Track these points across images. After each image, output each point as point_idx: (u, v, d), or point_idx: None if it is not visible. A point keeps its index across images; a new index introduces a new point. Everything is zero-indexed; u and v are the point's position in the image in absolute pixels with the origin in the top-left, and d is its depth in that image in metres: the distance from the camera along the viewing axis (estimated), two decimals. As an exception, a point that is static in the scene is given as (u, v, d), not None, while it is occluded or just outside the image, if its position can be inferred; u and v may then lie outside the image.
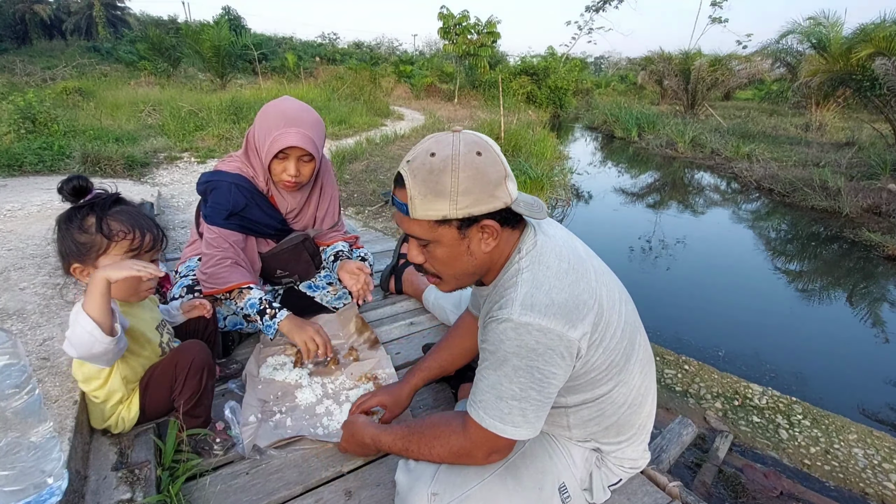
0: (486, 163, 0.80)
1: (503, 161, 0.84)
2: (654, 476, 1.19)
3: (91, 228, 1.00)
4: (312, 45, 32.12)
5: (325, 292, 1.81)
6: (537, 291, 0.81)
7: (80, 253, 1.01)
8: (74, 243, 1.00)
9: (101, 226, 1.00)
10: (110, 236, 1.01)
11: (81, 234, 1.00)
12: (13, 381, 0.78)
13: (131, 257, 1.03)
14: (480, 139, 0.84)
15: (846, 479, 1.88)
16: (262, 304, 1.49)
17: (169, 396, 1.14)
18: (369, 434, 1.07)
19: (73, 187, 0.98)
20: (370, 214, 4.84)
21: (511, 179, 0.85)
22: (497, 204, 0.82)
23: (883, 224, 5.34)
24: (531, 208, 0.87)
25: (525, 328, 0.79)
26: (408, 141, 8.88)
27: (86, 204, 1.02)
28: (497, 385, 0.83)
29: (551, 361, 0.81)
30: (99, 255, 1.02)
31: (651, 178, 8.53)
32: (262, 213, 1.61)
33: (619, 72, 30.77)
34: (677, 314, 3.54)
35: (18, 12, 24.31)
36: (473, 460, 0.91)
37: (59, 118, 5.79)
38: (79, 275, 1.04)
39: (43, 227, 2.41)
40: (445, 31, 16.15)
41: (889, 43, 7.53)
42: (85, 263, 1.02)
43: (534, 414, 0.83)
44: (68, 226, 1.01)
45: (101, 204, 1.03)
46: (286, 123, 1.45)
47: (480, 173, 0.80)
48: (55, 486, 0.86)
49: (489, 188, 0.81)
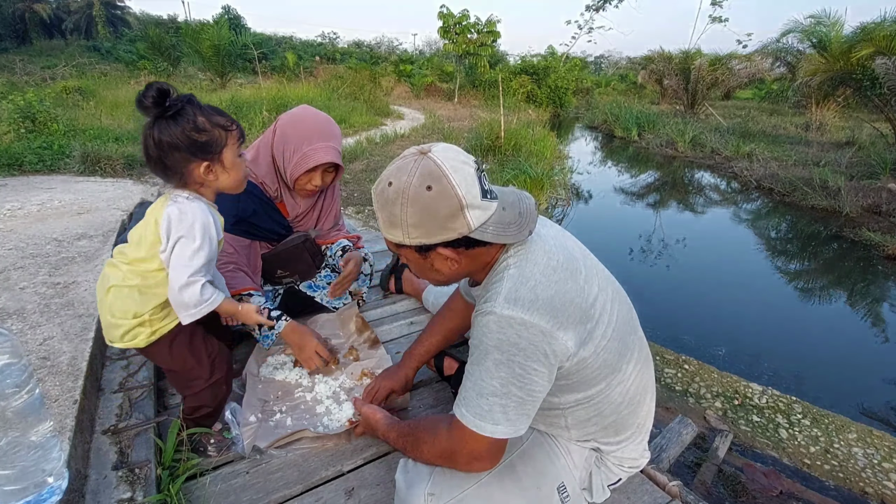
0: (435, 198, 0.78)
1: (460, 192, 0.78)
2: (654, 475, 1.19)
3: (206, 125, 0.99)
4: (312, 45, 32.11)
5: (324, 292, 1.81)
6: (522, 286, 0.81)
7: (206, 150, 1.00)
8: (196, 145, 0.98)
9: (212, 121, 1.00)
10: (227, 128, 1.02)
11: (200, 133, 0.98)
12: (13, 381, 0.78)
13: (239, 146, 1.06)
14: (437, 169, 0.79)
15: (846, 479, 1.88)
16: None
17: (182, 373, 1.13)
18: (381, 429, 1.13)
19: (158, 90, 0.94)
20: (370, 214, 4.85)
21: (475, 207, 0.80)
22: (451, 235, 0.81)
23: (883, 224, 5.34)
24: (505, 229, 0.83)
25: (507, 321, 0.79)
26: (408, 140, 8.89)
27: (179, 107, 0.97)
28: (479, 381, 0.82)
29: (533, 357, 0.80)
30: (222, 149, 1.02)
31: (651, 178, 8.53)
32: (269, 220, 1.64)
33: (619, 71, 30.73)
34: (677, 313, 3.54)
35: (18, 11, 24.30)
36: (456, 464, 0.90)
37: (58, 117, 5.79)
38: (204, 172, 1.01)
39: (43, 227, 2.41)
40: (445, 31, 16.13)
41: (889, 42, 7.53)
42: (213, 161, 1.01)
43: (515, 412, 0.81)
44: (179, 131, 0.96)
45: (197, 103, 1.01)
46: (317, 138, 1.50)
47: (428, 208, 0.79)
48: (55, 486, 0.86)
49: (439, 221, 0.80)
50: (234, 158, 1.04)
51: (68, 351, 1.32)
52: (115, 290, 1.03)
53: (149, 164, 1.00)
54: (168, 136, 0.96)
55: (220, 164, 1.02)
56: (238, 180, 1.08)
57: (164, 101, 0.94)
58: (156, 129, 0.96)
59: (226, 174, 1.04)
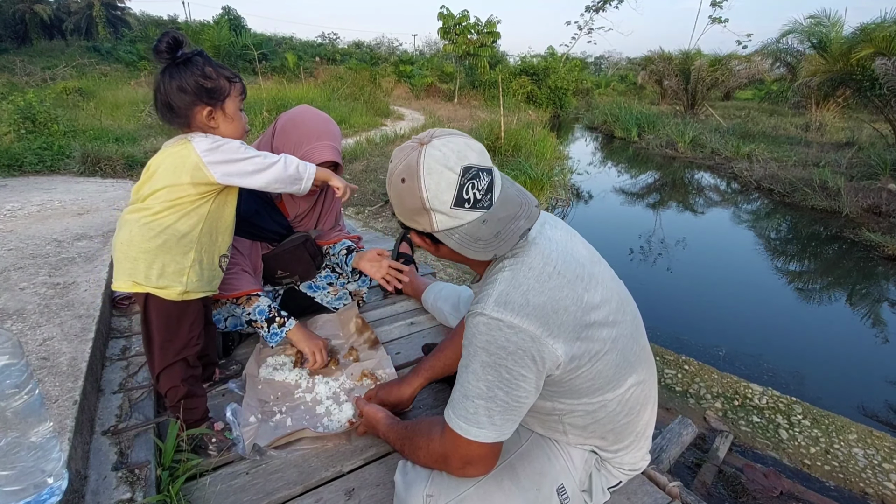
0: (404, 191, 0.83)
1: (425, 195, 0.80)
2: (654, 476, 1.19)
3: (213, 74, 1.08)
4: (312, 45, 32.07)
5: (325, 293, 1.81)
6: (514, 290, 0.80)
7: (211, 97, 1.08)
8: (203, 89, 1.06)
9: (219, 72, 1.09)
10: (231, 80, 1.11)
11: (207, 80, 1.07)
12: (13, 381, 0.78)
13: (241, 99, 1.15)
14: (415, 167, 0.80)
15: (846, 479, 1.88)
16: (270, 312, 1.51)
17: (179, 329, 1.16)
18: (382, 429, 1.14)
19: (173, 38, 1.03)
20: (370, 214, 4.84)
21: (440, 212, 0.81)
22: (417, 226, 0.87)
23: (883, 224, 5.34)
24: (471, 243, 0.82)
25: (496, 324, 0.78)
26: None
27: (189, 56, 1.06)
28: (466, 383, 0.82)
29: (521, 363, 0.79)
30: (225, 97, 1.10)
31: (651, 179, 8.53)
32: (270, 220, 1.65)
33: (618, 72, 30.76)
34: (677, 314, 3.54)
35: (18, 12, 24.29)
36: (449, 468, 0.89)
37: (59, 118, 5.79)
38: (208, 118, 1.09)
39: (43, 228, 2.42)
40: (445, 31, 16.15)
41: (889, 43, 7.54)
42: (215, 107, 1.09)
43: (500, 416, 0.80)
44: (188, 75, 1.05)
45: (206, 55, 1.10)
46: (316, 137, 1.51)
47: (400, 197, 0.85)
48: (55, 486, 0.86)
49: (406, 212, 0.86)
50: (236, 110, 1.13)
51: (68, 351, 1.32)
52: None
53: (156, 107, 1.09)
54: (178, 80, 1.05)
55: (221, 112, 1.10)
56: (238, 130, 1.15)
57: (177, 50, 1.04)
58: (167, 73, 1.05)
59: (227, 122, 1.12)
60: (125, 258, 1.09)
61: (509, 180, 0.89)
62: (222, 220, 1.20)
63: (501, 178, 0.87)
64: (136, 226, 1.08)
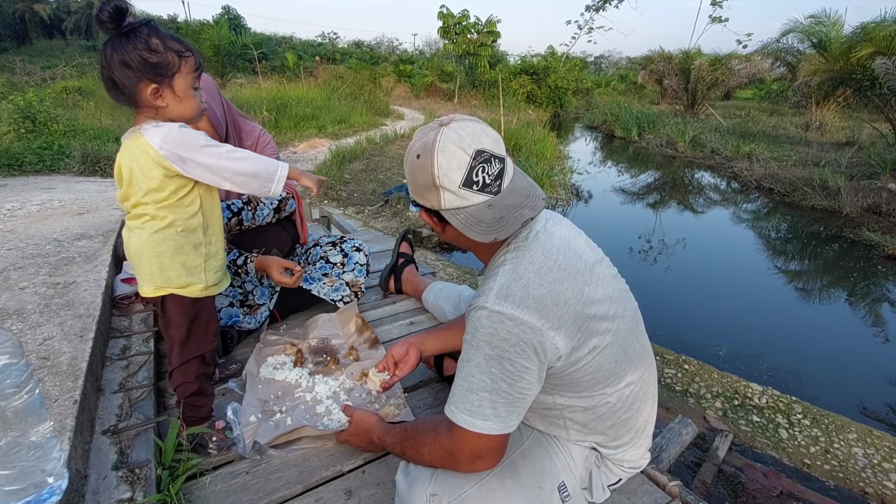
0: (418, 166, 0.86)
1: (436, 171, 0.83)
2: (654, 475, 1.19)
3: (160, 47, 0.96)
4: (312, 45, 32.11)
5: (321, 284, 1.81)
6: (514, 284, 0.82)
7: (156, 73, 0.97)
8: (147, 64, 0.96)
9: (166, 45, 0.97)
10: (181, 54, 0.99)
11: (152, 54, 0.96)
12: (13, 381, 0.78)
13: (194, 76, 1.04)
14: (432, 144, 0.83)
15: (846, 479, 1.88)
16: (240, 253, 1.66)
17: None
18: (377, 433, 1.10)
19: (116, 6, 0.92)
20: (370, 214, 4.84)
21: (449, 191, 0.84)
22: (426, 203, 0.90)
23: (883, 224, 5.34)
24: (474, 225, 0.85)
25: (498, 317, 0.80)
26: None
27: (135, 26, 0.96)
28: (469, 377, 0.83)
29: (523, 354, 0.80)
30: (174, 74, 0.99)
31: (651, 178, 8.53)
32: None
33: (619, 71, 30.75)
34: (677, 313, 3.55)
35: (18, 12, 24.30)
36: (457, 465, 0.89)
37: (58, 118, 5.79)
38: (153, 96, 0.99)
39: (43, 227, 2.41)
40: (445, 31, 16.16)
41: (889, 42, 7.54)
42: (162, 84, 0.99)
43: (504, 408, 0.82)
44: (131, 48, 0.95)
45: (154, 26, 0.98)
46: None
47: (413, 172, 0.88)
48: (55, 486, 0.86)
49: (418, 188, 0.89)
50: (187, 88, 1.01)
51: (68, 351, 1.32)
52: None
53: (103, 82, 0.99)
54: (120, 53, 0.94)
55: (169, 90, 0.99)
56: (189, 111, 1.04)
57: (121, 19, 0.93)
58: (110, 45, 0.95)
59: (176, 102, 1.01)
60: (142, 265, 1.07)
61: (522, 173, 0.92)
62: (215, 208, 1.15)
63: (514, 169, 0.90)
64: (145, 234, 1.04)
